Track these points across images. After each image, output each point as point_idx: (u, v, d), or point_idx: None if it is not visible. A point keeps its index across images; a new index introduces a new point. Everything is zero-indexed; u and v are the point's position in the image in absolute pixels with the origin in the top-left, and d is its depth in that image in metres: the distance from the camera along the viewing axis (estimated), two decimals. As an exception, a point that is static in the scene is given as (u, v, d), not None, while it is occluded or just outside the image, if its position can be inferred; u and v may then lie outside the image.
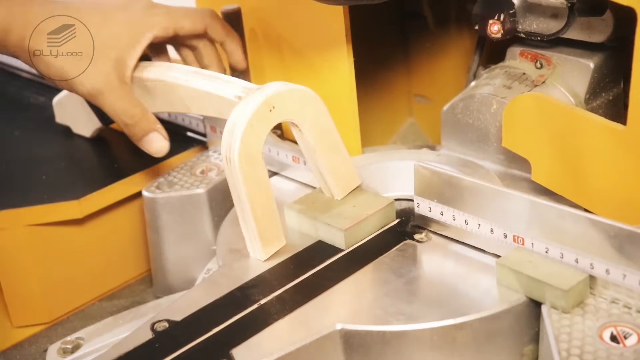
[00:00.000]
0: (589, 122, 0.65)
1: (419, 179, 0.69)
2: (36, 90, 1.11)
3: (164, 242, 0.83)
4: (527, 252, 0.62)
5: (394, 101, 1.00)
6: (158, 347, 0.60)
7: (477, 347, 0.59)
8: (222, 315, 0.62)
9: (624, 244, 0.56)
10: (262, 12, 0.84)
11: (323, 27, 0.78)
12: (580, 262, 0.59)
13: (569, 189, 0.68)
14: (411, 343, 0.59)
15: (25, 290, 0.85)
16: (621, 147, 0.62)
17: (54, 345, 0.78)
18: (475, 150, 0.79)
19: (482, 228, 0.65)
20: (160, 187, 0.83)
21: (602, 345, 0.54)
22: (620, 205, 0.64)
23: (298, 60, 0.82)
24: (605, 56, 0.74)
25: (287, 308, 0.62)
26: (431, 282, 0.65)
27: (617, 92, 0.76)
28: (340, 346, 0.59)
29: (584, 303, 0.58)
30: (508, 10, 0.72)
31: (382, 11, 0.92)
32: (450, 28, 0.94)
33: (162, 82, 0.75)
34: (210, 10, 0.81)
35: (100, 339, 0.77)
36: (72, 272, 0.87)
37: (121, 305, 0.87)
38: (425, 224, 0.70)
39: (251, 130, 0.65)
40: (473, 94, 0.78)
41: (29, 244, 0.84)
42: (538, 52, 0.76)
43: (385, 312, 0.60)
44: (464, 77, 0.87)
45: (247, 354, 0.58)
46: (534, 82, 0.76)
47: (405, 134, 1.01)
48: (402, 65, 1.00)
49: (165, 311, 0.64)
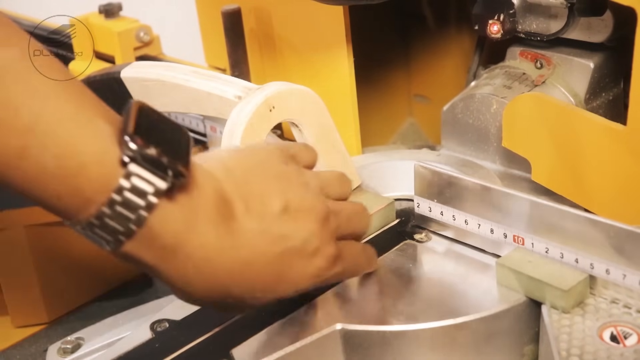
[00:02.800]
0: (589, 122, 0.65)
1: (419, 179, 0.69)
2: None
3: (164, 242, 0.83)
4: (527, 252, 0.62)
5: (394, 101, 1.00)
6: (158, 347, 0.60)
7: (477, 347, 0.59)
8: (222, 315, 0.62)
9: (624, 244, 0.56)
10: (262, 12, 0.84)
11: (323, 27, 0.78)
12: (580, 262, 0.59)
13: (569, 189, 0.68)
14: (411, 343, 0.59)
15: (25, 290, 0.85)
16: (621, 147, 0.62)
17: (54, 345, 0.78)
18: (475, 150, 0.79)
19: (482, 228, 0.65)
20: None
21: (602, 345, 0.54)
22: (620, 205, 0.64)
23: (298, 60, 0.82)
24: (605, 56, 0.74)
25: (287, 308, 0.62)
26: (431, 282, 0.65)
27: (617, 92, 0.76)
28: (340, 346, 0.59)
29: (584, 303, 0.58)
30: (508, 11, 0.72)
31: (382, 11, 0.92)
32: (450, 28, 0.94)
33: (162, 82, 0.75)
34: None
35: (100, 339, 0.77)
36: (72, 272, 0.87)
37: (121, 305, 0.87)
38: (425, 224, 0.70)
39: (251, 130, 0.65)
40: (473, 94, 0.78)
41: (29, 244, 0.83)
42: (538, 52, 0.76)
43: (385, 312, 0.60)
44: (464, 77, 0.87)
45: (247, 354, 0.58)
46: (534, 82, 0.76)
47: (405, 134, 1.01)
48: (402, 65, 1.00)
49: (165, 311, 0.64)
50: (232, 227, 0.52)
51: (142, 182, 0.47)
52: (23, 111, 0.46)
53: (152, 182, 0.47)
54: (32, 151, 0.46)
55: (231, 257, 0.52)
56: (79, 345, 0.76)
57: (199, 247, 0.51)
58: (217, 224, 0.51)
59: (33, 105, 0.46)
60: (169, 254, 0.50)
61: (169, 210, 0.49)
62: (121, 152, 0.47)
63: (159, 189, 0.48)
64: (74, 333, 0.79)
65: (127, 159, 0.47)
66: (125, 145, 0.47)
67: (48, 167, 0.46)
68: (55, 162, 0.46)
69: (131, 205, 0.47)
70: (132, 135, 0.47)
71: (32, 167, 0.46)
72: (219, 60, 0.96)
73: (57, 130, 0.46)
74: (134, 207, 0.47)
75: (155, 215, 0.48)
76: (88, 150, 0.47)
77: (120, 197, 0.47)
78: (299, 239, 0.55)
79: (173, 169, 0.48)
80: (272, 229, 0.54)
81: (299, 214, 0.55)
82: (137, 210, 0.47)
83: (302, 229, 0.55)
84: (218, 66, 0.98)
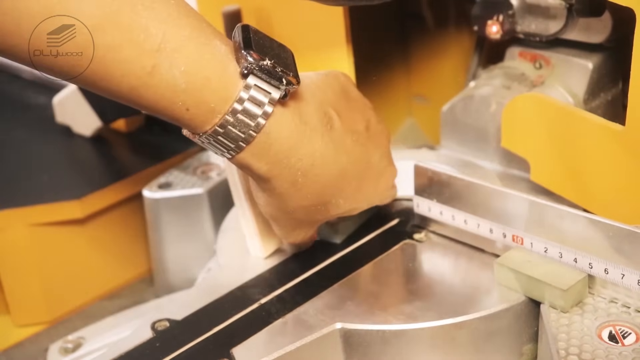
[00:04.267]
0: (587, 122, 0.65)
1: (419, 178, 0.69)
2: (36, 90, 1.11)
3: (165, 242, 0.84)
4: (526, 252, 0.62)
5: (393, 101, 1.00)
6: (159, 347, 0.60)
7: (477, 347, 0.60)
8: (223, 314, 0.62)
9: (623, 244, 0.56)
10: (262, 12, 0.84)
11: (323, 27, 0.78)
12: (579, 262, 0.59)
13: (568, 189, 0.68)
14: (411, 342, 0.59)
15: (27, 289, 0.85)
16: (620, 148, 0.63)
17: (55, 344, 0.78)
18: (474, 151, 0.79)
19: (482, 228, 0.65)
20: (161, 186, 0.83)
21: (600, 345, 0.54)
22: (618, 205, 0.64)
23: (298, 60, 0.82)
24: (604, 57, 0.74)
25: (287, 307, 0.62)
26: (431, 282, 0.65)
27: (616, 93, 0.76)
28: (340, 345, 0.60)
29: (583, 302, 0.58)
30: (507, 11, 0.73)
31: (382, 11, 0.92)
32: (450, 28, 0.94)
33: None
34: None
35: (101, 338, 0.77)
36: (73, 272, 0.87)
37: (122, 305, 0.88)
38: (425, 224, 0.70)
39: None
40: (472, 94, 0.78)
41: (30, 243, 0.84)
42: (537, 53, 0.77)
43: (385, 312, 0.61)
44: (464, 77, 0.87)
45: (247, 353, 0.58)
46: (533, 83, 0.76)
47: (405, 134, 1.01)
48: (402, 65, 1.00)
49: (165, 310, 0.64)
50: (333, 136, 0.59)
51: (260, 91, 0.53)
52: (152, 33, 0.50)
53: (268, 90, 0.53)
54: (162, 69, 0.50)
55: (333, 163, 0.59)
56: (79, 345, 0.77)
57: (309, 153, 0.57)
58: (323, 133, 0.58)
59: (160, 28, 0.50)
60: (282, 160, 0.56)
61: (283, 117, 0.55)
62: (240, 66, 0.53)
63: (274, 97, 0.53)
64: (75, 332, 0.79)
65: (245, 71, 0.52)
66: (244, 58, 0.52)
67: (177, 82, 0.51)
68: (183, 77, 0.51)
69: (250, 113, 0.53)
70: (248, 51, 0.52)
71: (163, 83, 0.51)
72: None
73: (183, 49, 0.51)
74: (253, 114, 0.53)
75: (271, 122, 0.54)
76: (210, 66, 0.52)
77: (241, 106, 0.52)
78: (376, 154, 0.64)
79: (286, 78, 0.53)
80: (359, 142, 0.61)
81: (376, 134, 0.64)
82: (256, 117, 0.53)
83: (379, 146, 0.64)
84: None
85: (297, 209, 0.60)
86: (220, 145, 0.54)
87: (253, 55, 0.52)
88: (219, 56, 0.53)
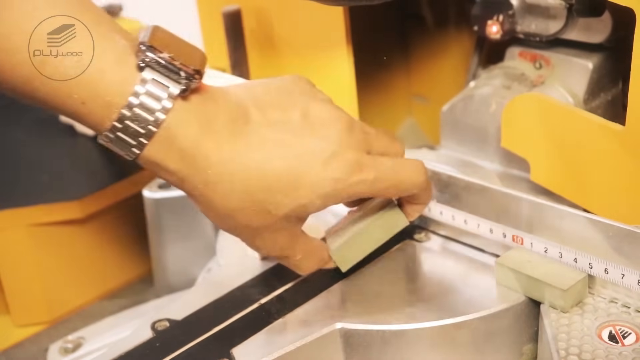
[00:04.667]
0: (587, 122, 0.65)
1: (419, 179, 0.69)
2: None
3: (165, 242, 0.84)
4: (526, 252, 0.62)
5: (393, 101, 1.00)
6: (159, 347, 0.60)
7: (477, 346, 0.60)
8: (223, 314, 0.62)
9: (623, 244, 0.56)
10: (262, 12, 0.84)
11: (323, 28, 0.78)
12: (579, 262, 0.59)
13: (568, 189, 0.68)
14: (411, 342, 0.59)
15: (27, 289, 0.85)
16: (620, 148, 0.63)
17: (55, 344, 0.78)
18: (474, 151, 0.79)
19: (482, 228, 0.65)
20: (161, 187, 0.83)
21: (600, 345, 0.54)
22: (618, 205, 0.64)
23: (298, 60, 0.82)
24: (604, 57, 0.74)
25: (287, 307, 0.62)
26: (431, 282, 0.65)
27: (616, 93, 0.76)
28: (340, 345, 0.60)
29: (583, 302, 0.58)
30: (507, 11, 0.73)
31: (382, 11, 0.92)
32: (450, 28, 0.94)
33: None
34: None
35: (101, 338, 0.77)
36: (73, 272, 0.87)
37: (122, 305, 0.88)
38: (425, 224, 0.70)
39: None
40: (472, 94, 0.78)
41: (30, 243, 0.84)
42: (537, 53, 0.77)
43: (385, 312, 0.61)
44: (464, 77, 0.87)
45: (247, 353, 0.58)
46: (533, 83, 0.76)
47: (405, 134, 1.01)
48: (402, 65, 1.00)
49: (165, 310, 0.64)
50: (246, 130, 0.55)
51: (158, 85, 0.52)
52: (45, 21, 0.50)
53: (167, 84, 0.52)
54: (53, 58, 0.50)
55: (247, 158, 0.55)
56: (79, 345, 0.77)
57: (215, 149, 0.54)
58: (232, 128, 0.55)
59: (52, 17, 0.50)
60: (189, 158, 0.53)
61: (184, 112, 0.53)
62: (137, 59, 0.51)
63: (173, 91, 0.52)
64: (75, 332, 0.79)
65: (142, 64, 0.51)
66: (141, 52, 0.51)
67: (68, 72, 0.50)
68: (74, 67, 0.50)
69: (148, 107, 0.51)
70: (147, 45, 0.51)
71: (55, 76, 0.50)
72: (220, 61, 0.96)
73: (75, 39, 0.51)
74: (151, 109, 0.51)
75: (171, 117, 0.52)
76: (104, 57, 0.51)
77: (137, 100, 0.51)
78: (316, 142, 0.57)
79: (185, 72, 0.52)
80: (289, 133, 0.56)
81: (317, 120, 0.58)
82: (154, 112, 0.52)
83: (321, 134, 0.57)
84: (218, 66, 0.98)
85: (230, 212, 0.56)
86: (122, 143, 0.52)
87: (151, 49, 0.52)
88: (115, 49, 0.52)
